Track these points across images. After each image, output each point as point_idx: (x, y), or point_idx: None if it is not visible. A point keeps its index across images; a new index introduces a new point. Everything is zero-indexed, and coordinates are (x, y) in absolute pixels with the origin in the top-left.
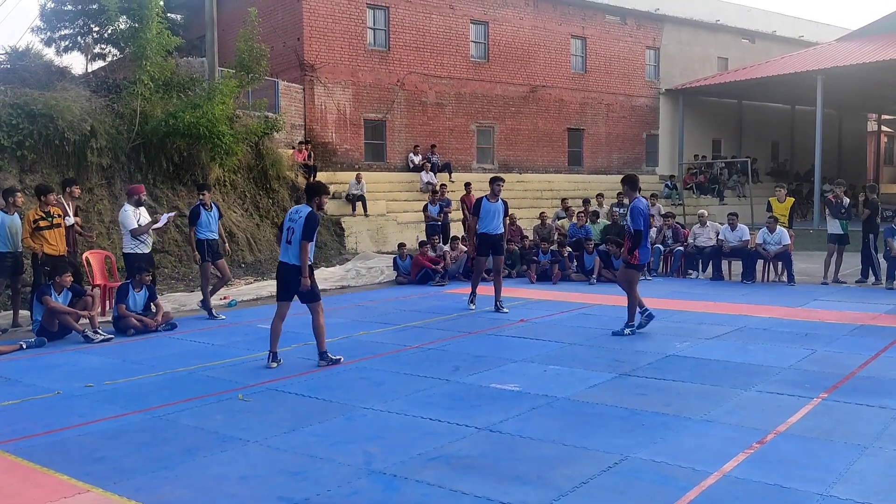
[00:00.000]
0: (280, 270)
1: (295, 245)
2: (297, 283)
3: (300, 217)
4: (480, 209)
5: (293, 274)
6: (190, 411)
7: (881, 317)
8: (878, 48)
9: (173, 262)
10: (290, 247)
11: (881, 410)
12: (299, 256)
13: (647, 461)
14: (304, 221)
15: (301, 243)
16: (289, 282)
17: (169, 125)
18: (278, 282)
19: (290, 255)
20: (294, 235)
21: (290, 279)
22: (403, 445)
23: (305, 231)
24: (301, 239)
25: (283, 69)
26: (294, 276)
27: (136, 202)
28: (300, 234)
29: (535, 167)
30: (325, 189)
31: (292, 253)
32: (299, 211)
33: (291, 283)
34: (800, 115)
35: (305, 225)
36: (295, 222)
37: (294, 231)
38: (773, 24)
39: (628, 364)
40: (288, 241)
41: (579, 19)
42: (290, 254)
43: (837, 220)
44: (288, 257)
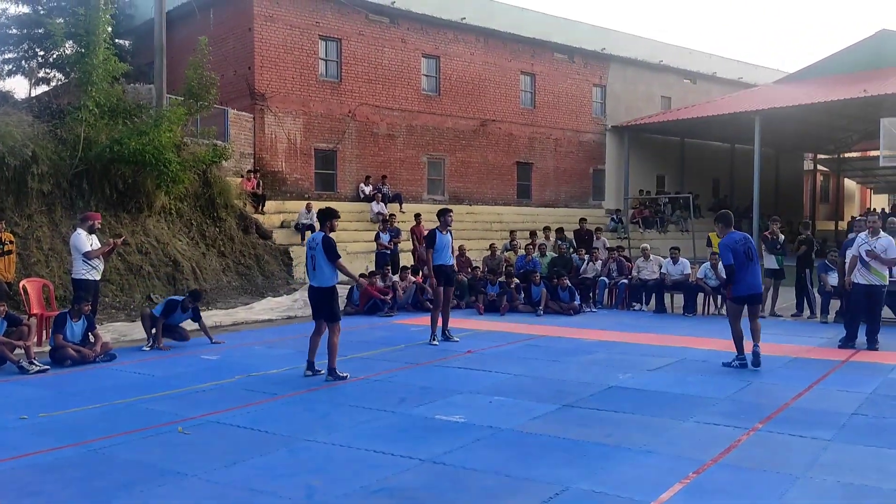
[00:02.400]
0: (311, 293)
1: (320, 270)
2: (324, 304)
3: (317, 244)
4: (435, 241)
5: (320, 295)
6: (128, 445)
7: (815, 350)
8: (814, 91)
9: (114, 290)
10: (315, 273)
11: (813, 441)
12: (342, 272)
13: (588, 491)
14: (323, 247)
15: (336, 264)
16: (319, 301)
17: (113, 151)
18: (311, 303)
19: (316, 280)
20: (318, 261)
21: (318, 300)
22: (346, 478)
23: (329, 255)
24: (329, 262)
25: (234, 97)
26: (321, 297)
27: (90, 228)
28: (324, 258)
29: (484, 199)
30: (335, 213)
31: (319, 277)
32: (315, 239)
33: (319, 303)
34: (739, 154)
35: (325, 250)
36: (314, 249)
37: (317, 258)
38: (713, 66)
39: (572, 395)
40: (314, 267)
41: (528, 56)
42: (316, 278)
43: (773, 255)
44: (315, 281)
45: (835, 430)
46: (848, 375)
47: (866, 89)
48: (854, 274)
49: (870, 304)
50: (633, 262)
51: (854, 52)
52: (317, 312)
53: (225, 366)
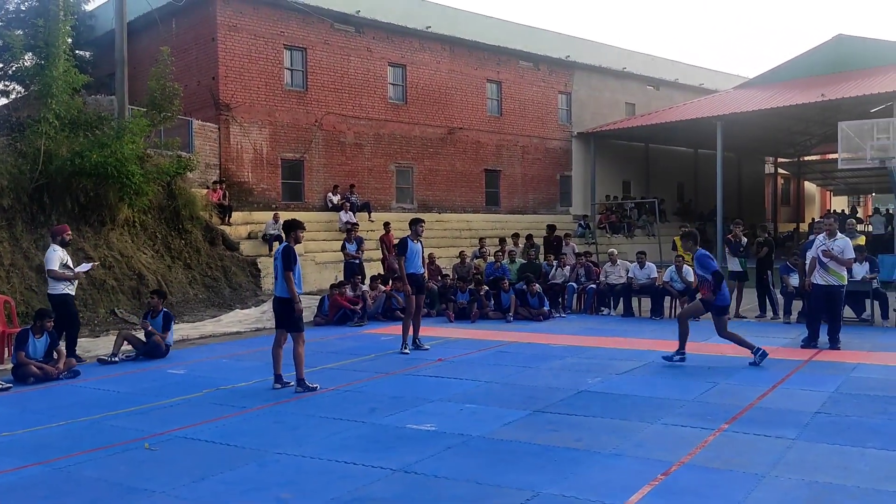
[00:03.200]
0: (274, 303)
1: (280, 279)
2: (285, 313)
3: (277, 254)
4: (407, 249)
5: (281, 305)
6: (93, 462)
7: (778, 350)
8: (773, 95)
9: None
10: (278, 283)
11: (777, 440)
12: (286, 283)
13: (558, 496)
14: (281, 255)
15: (284, 274)
16: (279, 312)
17: (75, 164)
18: (274, 313)
19: (277, 289)
20: (278, 271)
21: (280, 310)
22: (317, 490)
23: (284, 263)
24: (284, 270)
25: (198, 108)
26: (281, 306)
27: (62, 242)
28: (281, 267)
29: (453, 207)
30: (300, 224)
31: (279, 286)
32: (279, 249)
33: (281, 313)
34: (702, 158)
35: (283, 258)
36: (277, 259)
37: (277, 268)
38: (676, 73)
39: (542, 401)
40: (276, 276)
41: (494, 64)
42: (277, 287)
43: (736, 258)
44: (277, 290)
45: (799, 429)
46: (811, 375)
47: (824, 94)
48: (813, 275)
49: (829, 305)
50: (600, 267)
51: (812, 57)
52: (280, 322)
53: (192, 380)
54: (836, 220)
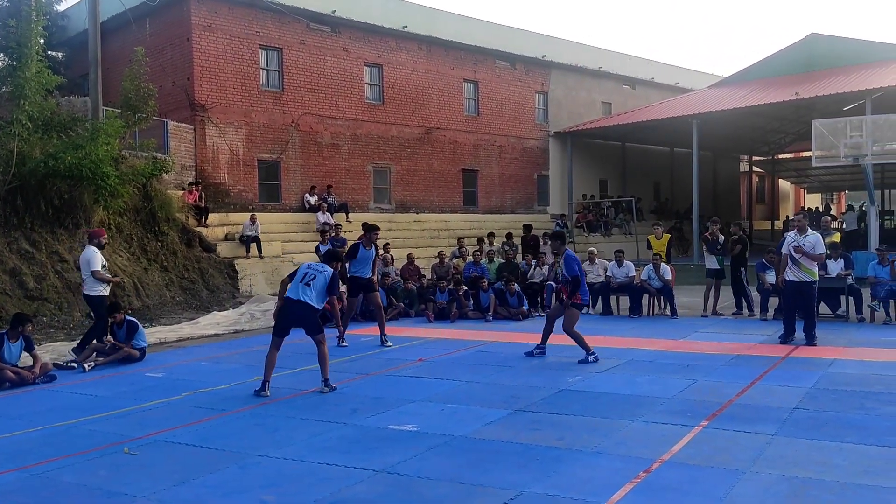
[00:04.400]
0: (292, 306)
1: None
2: (306, 319)
3: (326, 272)
4: (357, 254)
5: (310, 311)
6: (71, 468)
7: (756, 346)
8: (748, 94)
9: (53, 309)
10: (307, 289)
11: (757, 436)
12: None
13: (541, 495)
14: (330, 278)
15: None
16: (300, 317)
17: (48, 166)
18: (284, 317)
19: (306, 296)
20: (316, 282)
21: (305, 315)
22: (299, 492)
23: (330, 287)
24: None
25: (173, 109)
26: (309, 313)
27: (98, 244)
28: (324, 286)
29: (431, 207)
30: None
31: (309, 295)
32: (324, 268)
33: (302, 318)
34: (678, 157)
35: (331, 281)
36: (319, 272)
37: (317, 278)
38: (651, 72)
39: (523, 400)
40: (307, 283)
41: (471, 64)
42: (306, 294)
43: (713, 255)
44: (304, 296)
45: (778, 425)
46: (789, 371)
47: (798, 92)
48: (785, 271)
49: (801, 301)
50: None
51: (786, 56)
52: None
53: (170, 383)
54: (806, 216)
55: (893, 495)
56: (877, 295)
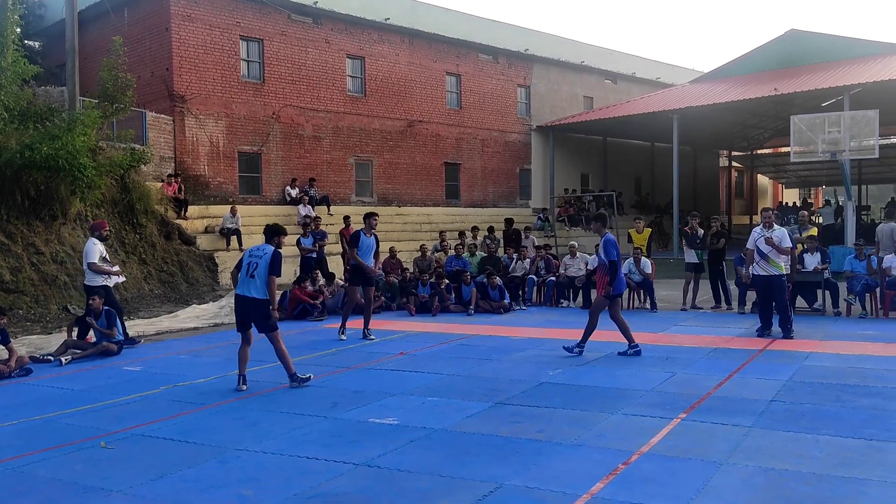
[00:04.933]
0: (240, 303)
1: (259, 279)
2: (258, 314)
3: (265, 254)
4: (359, 242)
5: (255, 305)
6: (47, 462)
7: (734, 340)
8: (727, 89)
9: (29, 302)
10: (252, 280)
11: (734, 428)
12: (267, 290)
13: (521, 487)
14: (270, 258)
15: (269, 278)
16: (249, 313)
17: (25, 157)
18: (238, 313)
19: (250, 289)
20: (258, 270)
21: (252, 310)
22: (279, 486)
23: (272, 267)
24: (269, 274)
25: (152, 99)
26: (256, 307)
27: (100, 236)
28: (266, 269)
29: (413, 200)
30: (283, 230)
31: (254, 286)
32: (263, 249)
33: (253, 313)
34: (659, 152)
35: (272, 261)
36: (259, 258)
37: (259, 266)
38: (633, 67)
39: (504, 393)
40: (251, 274)
41: (453, 57)
42: (251, 287)
43: (693, 249)
44: (248, 290)
45: (754, 417)
46: (766, 364)
47: (777, 88)
48: (753, 266)
49: (772, 294)
50: (560, 260)
51: (765, 51)
52: (245, 323)
53: (149, 377)
54: (774, 212)
55: (869, 486)
56: (853, 289)
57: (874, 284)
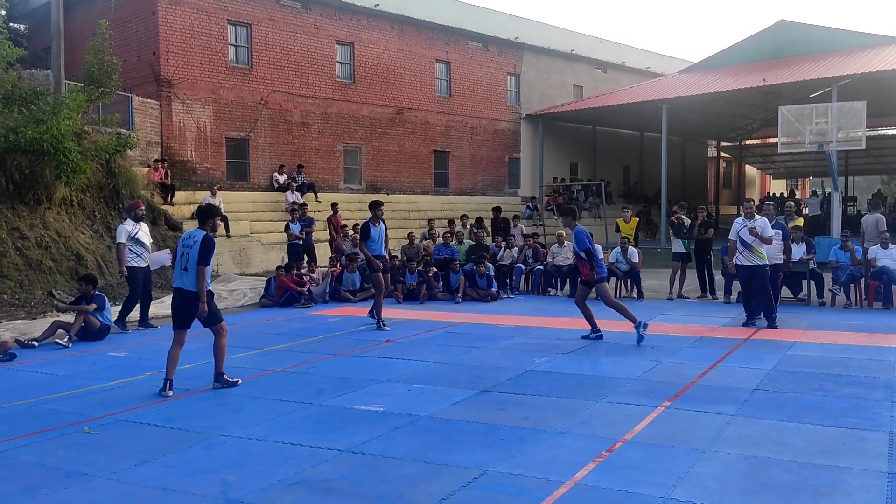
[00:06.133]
0: (176, 297)
1: (192, 271)
2: (195, 308)
3: (195, 242)
4: (369, 233)
5: (191, 299)
6: (30, 447)
7: (719, 329)
8: (716, 80)
9: (14, 287)
10: (185, 273)
11: (717, 416)
12: (198, 280)
13: (505, 474)
14: (200, 246)
15: (198, 268)
16: (187, 307)
17: (9, 141)
18: (174, 309)
19: (185, 281)
20: (189, 261)
21: (188, 304)
22: (263, 472)
23: (201, 256)
24: (198, 264)
25: (138, 84)
26: (192, 300)
27: (135, 216)
28: (196, 259)
29: (402, 188)
30: (217, 211)
31: (188, 279)
32: (193, 236)
33: (190, 308)
34: (648, 141)
35: (201, 249)
36: (190, 248)
37: (189, 257)
38: (622, 56)
39: (490, 380)
40: (184, 267)
41: (443, 44)
42: (185, 279)
43: (680, 239)
44: (183, 283)
45: (738, 406)
46: (750, 353)
47: (766, 78)
48: (736, 256)
49: (757, 284)
50: (548, 249)
51: (754, 42)
52: (184, 318)
53: (133, 362)
54: (753, 202)
55: (850, 475)
56: (838, 279)
57: (859, 275)
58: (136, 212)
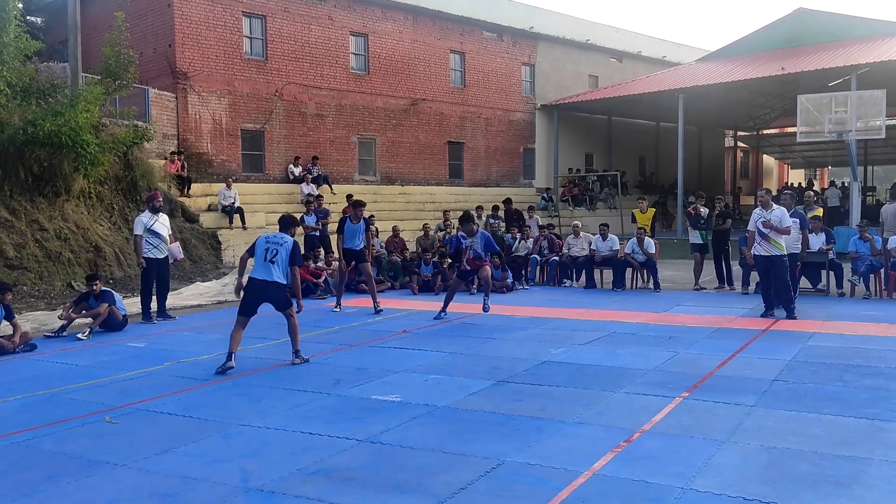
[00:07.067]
0: (256, 286)
1: (280, 266)
2: (274, 297)
3: (286, 243)
4: (344, 228)
5: (276, 289)
6: (52, 436)
7: (737, 320)
8: (733, 69)
9: (33, 278)
10: (272, 266)
11: (736, 407)
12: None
13: (523, 464)
14: (291, 249)
15: (292, 269)
16: (267, 296)
17: (27, 133)
18: (249, 296)
19: (271, 273)
20: (279, 257)
21: (271, 293)
22: (282, 461)
23: (293, 257)
24: (291, 265)
25: (154, 76)
26: (276, 290)
27: (153, 208)
28: (287, 258)
29: (416, 179)
30: (298, 222)
31: (275, 271)
32: (282, 238)
33: (270, 296)
34: (664, 131)
35: (293, 252)
36: (280, 245)
37: (279, 253)
38: (638, 45)
39: (506, 371)
40: (270, 260)
41: (458, 34)
42: (271, 272)
43: (697, 230)
44: (269, 275)
45: (757, 397)
46: (768, 344)
47: (784, 67)
48: (754, 247)
49: (775, 274)
50: (563, 240)
51: (773, 30)
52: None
53: (153, 353)
54: (770, 192)
55: (870, 465)
56: (857, 270)
57: (878, 265)
58: (154, 203)
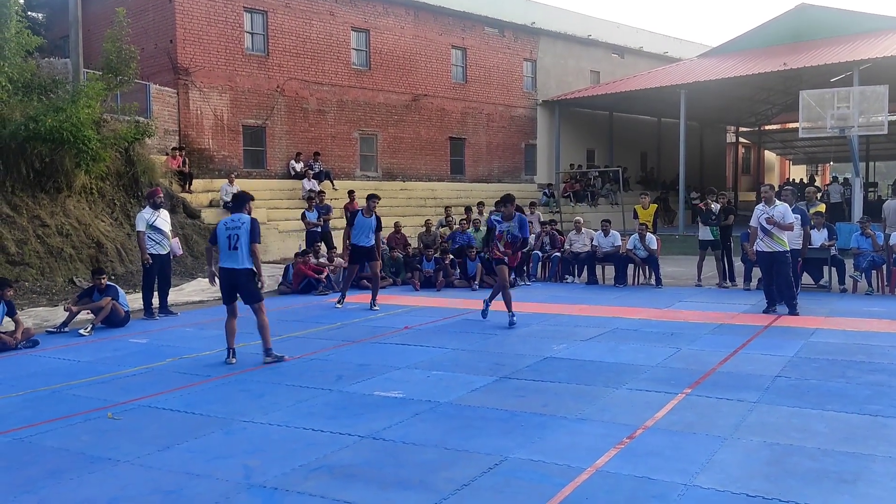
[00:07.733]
0: (225, 275)
1: (242, 250)
2: (244, 285)
3: (243, 223)
4: (355, 221)
5: (242, 276)
6: (54, 432)
7: (739, 316)
8: (735, 64)
9: (35, 274)
10: (235, 252)
11: (739, 403)
12: (252, 260)
13: (526, 460)
14: (250, 226)
15: (252, 247)
16: (236, 284)
17: (29, 129)
18: (224, 286)
19: (235, 261)
20: (240, 241)
21: (238, 281)
22: (284, 457)
23: (254, 235)
24: (252, 243)
25: (156, 72)
26: (242, 277)
27: (154, 204)
28: (248, 238)
29: (418, 175)
30: (250, 196)
31: (239, 257)
32: (239, 219)
33: (239, 284)
34: (665, 127)
35: (252, 229)
36: (238, 229)
37: (239, 237)
38: (640, 41)
39: (509, 367)
40: (234, 247)
41: (459, 30)
42: (235, 259)
43: (707, 226)
44: (234, 262)
45: (759, 393)
46: (771, 340)
47: (786, 62)
48: (757, 243)
49: (777, 270)
50: (565, 236)
51: (775, 25)
52: (232, 295)
53: (155, 349)
54: (773, 188)
55: (873, 461)
56: (859, 266)
57: (880, 261)
58: (155, 199)
